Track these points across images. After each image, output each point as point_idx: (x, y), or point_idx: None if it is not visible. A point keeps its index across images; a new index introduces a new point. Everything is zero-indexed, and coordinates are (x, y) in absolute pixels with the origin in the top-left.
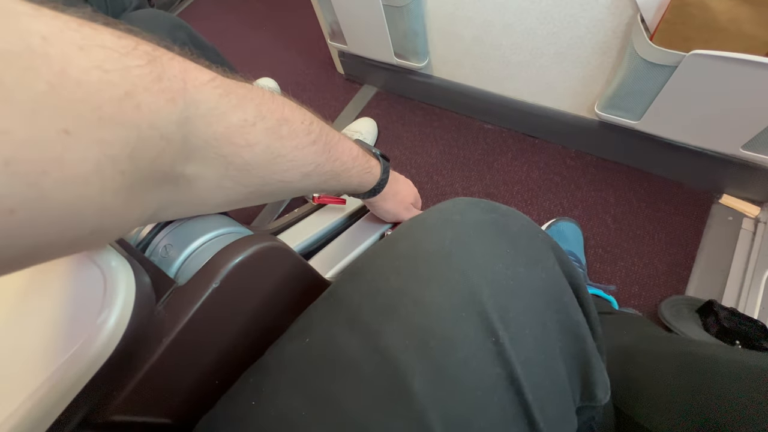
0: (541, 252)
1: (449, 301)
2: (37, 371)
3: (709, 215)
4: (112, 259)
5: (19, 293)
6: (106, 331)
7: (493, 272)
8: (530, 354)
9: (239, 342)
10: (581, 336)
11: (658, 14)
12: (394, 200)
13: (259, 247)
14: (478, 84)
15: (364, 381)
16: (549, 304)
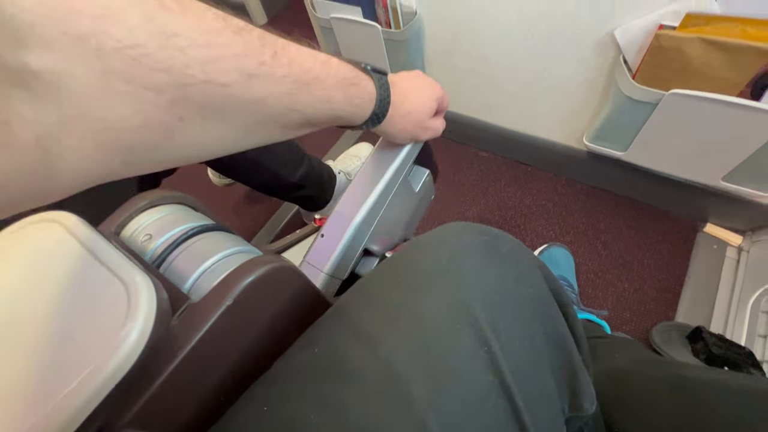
0: (528, 270)
1: (445, 313)
2: (63, 380)
3: (695, 243)
4: (136, 274)
5: (44, 304)
6: (130, 343)
7: (485, 288)
8: (520, 363)
9: (246, 359)
10: (567, 349)
11: (639, 56)
12: (405, 121)
13: (270, 267)
14: (473, 113)
15: (368, 388)
16: (536, 317)
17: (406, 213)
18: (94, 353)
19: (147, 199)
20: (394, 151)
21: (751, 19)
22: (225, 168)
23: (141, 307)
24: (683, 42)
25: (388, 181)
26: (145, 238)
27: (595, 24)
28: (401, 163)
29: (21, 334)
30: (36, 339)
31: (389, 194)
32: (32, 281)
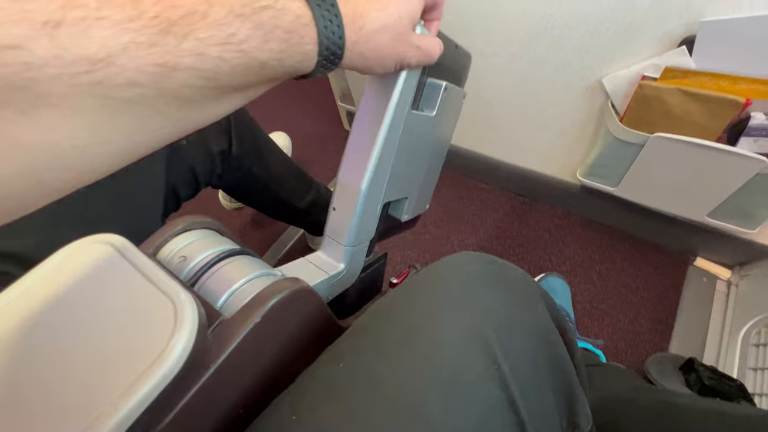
0: (532, 298)
1: (459, 336)
2: (116, 384)
3: (686, 276)
4: (180, 292)
5: (99, 315)
6: (177, 352)
7: (494, 313)
8: (526, 382)
9: (268, 373)
10: (567, 371)
11: (625, 102)
12: (378, 43)
13: (294, 289)
14: (473, 147)
15: (389, 402)
16: (540, 341)
17: (426, 144)
18: (146, 360)
19: (181, 224)
20: (387, 89)
21: (723, 74)
22: (237, 192)
23: (186, 321)
24: (664, 92)
25: (388, 130)
26: (180, 259)
27: (585, 72)
28: (398, 103)
29: (78, 343)
30: (92, 347)
31: (394, 142)
32: (88, 296)
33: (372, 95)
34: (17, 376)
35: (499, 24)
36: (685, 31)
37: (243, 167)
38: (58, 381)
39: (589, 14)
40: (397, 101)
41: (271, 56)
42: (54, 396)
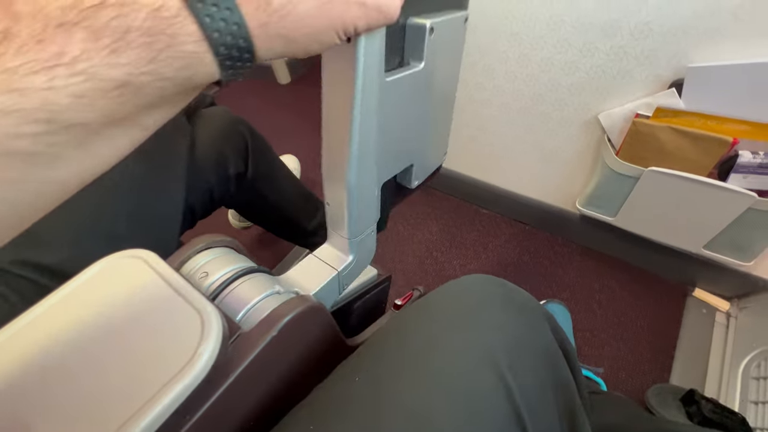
0: (539, 321)
1: (470, 352)
2: (148, 387)
3: (685, 306)
4: (207, 304)
5: (132, 324)
6: (204, 359)
7: (503, 333)
8: (531, 399)
9: (281, 384)
10: (570, 392)
11: (621, 136)
12: (301, 12)
13: (307, 306)
14: (474, 174)
15: (404, 413)
16: (546, 361)
17: (421, 101)
18: (175, 366)
19: (203, 242)
20: (344, 64)
21: (711, 115)
22: (248, 212)
23: (213, 332)
24: (656, 129)
25: (359, 117)
26: (202, 275)
27: (582, 109)
28: (363, 81)
29: (113, 348)
30: (125, 352)
31: (372, 122)
32: (122, 305)
33: (329, 75)
34: (57, 379)
35: (500, 65)
36: (674, 74)
37: (256, 189)
38: (95, 383)
39: (584, 61)
40: (362, 79)
41: (132, 71)
42: (90, 397)
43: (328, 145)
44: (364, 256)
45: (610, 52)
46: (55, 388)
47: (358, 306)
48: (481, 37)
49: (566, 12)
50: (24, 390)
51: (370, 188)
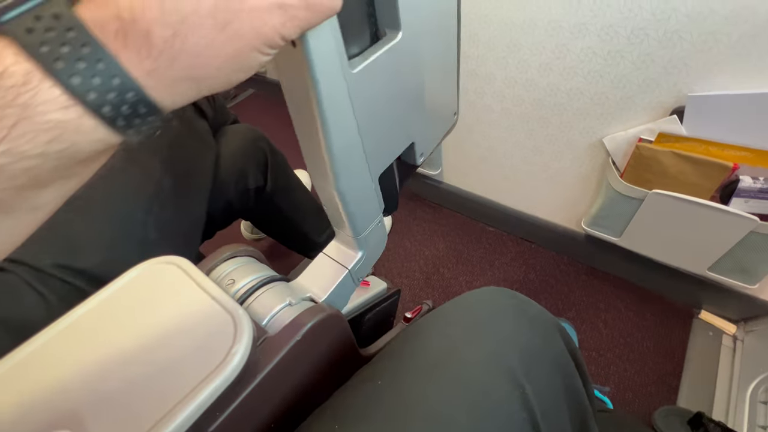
0: (551, 332)
1: (486, 361)
2: (185, 383)
3: (691, 328)
4: (238, 308)
5: (169, 327)
6: (236, 360)
7: (518, 343)
8: (546, 406)
9: (301, 386)
10: (581, 401)
11: (625, 160)
12: (200, 42)
13: (328, 314)
14: (481, 192)
15: (423, 417)
16: (559, 371)
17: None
18: (210, 365)
19: (229, 251)
20: (295, 69)
21: (712, 141)
22: (262, 224)
23: (244, 333)
24: (659, 153)
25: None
26: (229, 282)
27: (587, 132)
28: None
29: (151, 347)
30: (163, 351)
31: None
32: (160, 308)
33: (286, 82)
34: (102, 375)
35: (509, 89)
36: (675, 102)
37: (273, 203)
38: (136, 378)
39: (589, 87)
40: (321, 83)
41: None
42: (132, 392)
43: (307, 154)
44: (375, 247)
45: (614, 80)
46: (101, 383)
47: (368, 318)
48: (491, 67)
49: (571, 42)
50: (73, 385)
51: (364, 186)
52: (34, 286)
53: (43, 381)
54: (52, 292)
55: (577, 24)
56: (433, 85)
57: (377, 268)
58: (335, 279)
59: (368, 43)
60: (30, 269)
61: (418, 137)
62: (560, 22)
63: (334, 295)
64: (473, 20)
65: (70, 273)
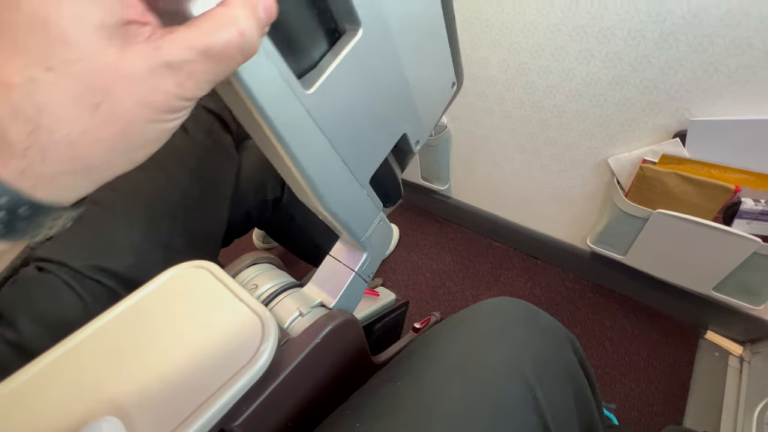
0: (562, 341)
1: (501, 366)
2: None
3: (697, 348)
4: (265, 311)
5: (201, 326)
6: (264, 358)
7: (530, 350)
8: (557, 411)
9: (317, 390)
10: (590, 408)
11: (629, 179)
12: (73, 130)
13: (345, 319)
14: (488, 208)
15: (441, 417)
16: (569, 378)
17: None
18: (240, 361)
19: (252, 258)
20: (241, 103)
21: (714, 164)
22: (277, 234)
23: (271, 334)
24: (662, 174)
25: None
26: (252, 287)
27: (592, 152)
28: (271, 111)
29: (187, 344)
30: (198, 347)
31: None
32: (193, 308)
33: (237, 113)
34: (141, 368)
35: (516, 109)
36: (678, 125)
37: (288, 213)
38: (173, 372)
39: (594, 110)
40: (270, 115)
41: None
42: (169, 384)
43: (286, 178)
44: (380, 245)
45: (618, 103)
46: (141, 375)
47: (378, 328)
48: (501, 88)
49: (577, 68)
50: (116, 376)
51: (353, 196)
52: (71, 286)
53: (88, 371)
54: (87, 292)
55: (582, 50)
56: (418, 67)
57: (385, 280)
58: (344, 282)
59: (326, 47)
60: (68, 269)
61: (410, 127)
62: (566, 48)
63: (344, 297)
64: (484, 45)
65: (104, 274)
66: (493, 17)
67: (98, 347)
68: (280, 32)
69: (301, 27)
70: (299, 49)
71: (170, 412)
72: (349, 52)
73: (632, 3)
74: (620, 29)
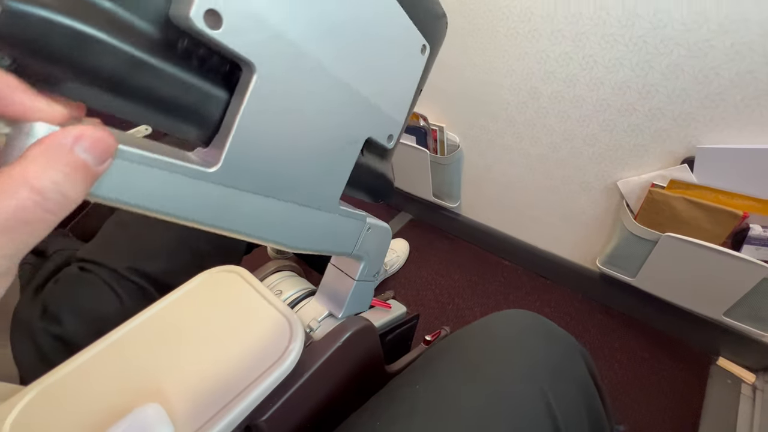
0: (573, 353)
1: (516, 371)
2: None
3: (709, 375)
4: (293, 314)
5: (233, 326)
6: (292, 357)
7: (544, 360)
8: (569, 416)
9: (335, 392)
10: (600, 418)
11: (638, 202)
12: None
13: (364, 325)
14: (499, 227)
15: (459, 419)
16: (580, 388)
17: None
18: (270, 359)
19: (276, 265)
20: None
21: (721, 190)
22: None
23: (298, 335)
24: (671, 199)
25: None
26: (277, 292)
27: (602, 175)
28: (169, 206)
29: (221, 342)
30: (231, 344)
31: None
32: (226, 309)
33: None
34: (179, 361)
35: (527, 130)
36: (686, 152)
37: None
38: (208, 366)
39: (604, 135)
40: (172, 214)
41: None
42: (205, 377)
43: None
44: (377, 248)
45: (627, 129)
46: (180, 368)
47: (389, 339)
48: (512, 111)
49: (587, 94)
50: (157, 368)
51: (321, 226)
52: (111, 285)
53: (131, 363)
54: (125, 292)
55: (593, 79)
56: (362, 62)
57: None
58: (346, 292)
59: (224, 95)
60: (108, 270)
61: (373, 128)
62: (577, 76)
63: (350, 305)
64: (498, 71)
65: (141, 276)
66: (507, 43)
67: (139, 342)
68: (159, 112)
69: (181, 96)
70: (188, 119)
71: (206, 402)
72: (250, 98)
73: (640, 36)
74: (628, 59)
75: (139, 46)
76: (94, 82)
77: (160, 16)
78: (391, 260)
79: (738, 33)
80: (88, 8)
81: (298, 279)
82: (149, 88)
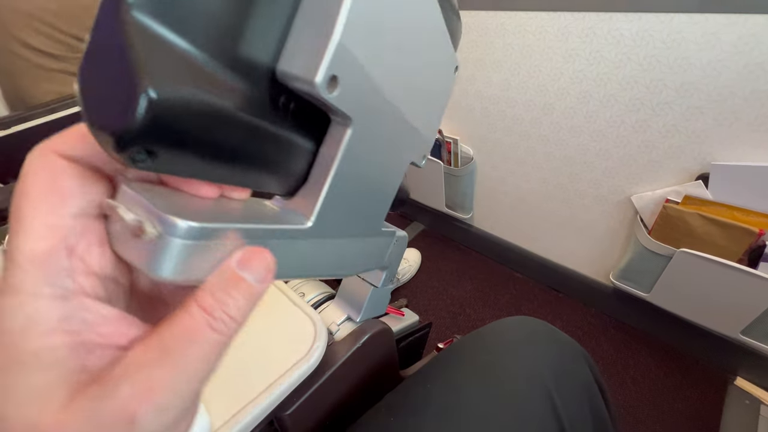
0: (578, 357)
1: (524, 373)
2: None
3: (726, 394)
4: (317, 314)
5: (261, 327)
6: (316, 355)
7: (550, 362)
8: (574, 418)
9: (353, 391)
10: (604, 421)
11: (653, 217)
12: None
13: (382, 328)
14: (511, 239)
15: (469, 415)
16: (584, 391)
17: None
18: (295, 356)
19: None
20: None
21: (737, 206)
22: None
23: (322, 335)
24: (685, 214)
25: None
26: (300, 294)
27: (616, 190)
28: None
29: (247, 340)
30: (259, 342)
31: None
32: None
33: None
34: None
35: (541, 146)
36: (700, 168)
37: None
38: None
39: (617, 150)
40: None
41: None
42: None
43: None
44: (397, 256)
45: (641, 145)
46: None
47: (402, 346)
48: (527, 126)
49: (600, 110)
50: None
51: (369, 250)
52: None
53: None
54: None
55: (606, 95)
56: (416, 95)
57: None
58: (364, 297)
59: (313, 152)
60: None
61: (415, 154)
62: (590, 93)
63: (368, 309)
64: (513, 86)
65: None
66: (521, 62)
67: None
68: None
69: (277, 152)
70: (277, 174)
71: (237, 394)
72: (345, 149)
73: (653, 55)
74: (642, 77)
75: (250, 110)
76: (205, 155)
77: (263, 76)
78: (403, 269)
79: (751, 54)
80: (213, 80)
81: (319, 282)
82: (253, 149)
